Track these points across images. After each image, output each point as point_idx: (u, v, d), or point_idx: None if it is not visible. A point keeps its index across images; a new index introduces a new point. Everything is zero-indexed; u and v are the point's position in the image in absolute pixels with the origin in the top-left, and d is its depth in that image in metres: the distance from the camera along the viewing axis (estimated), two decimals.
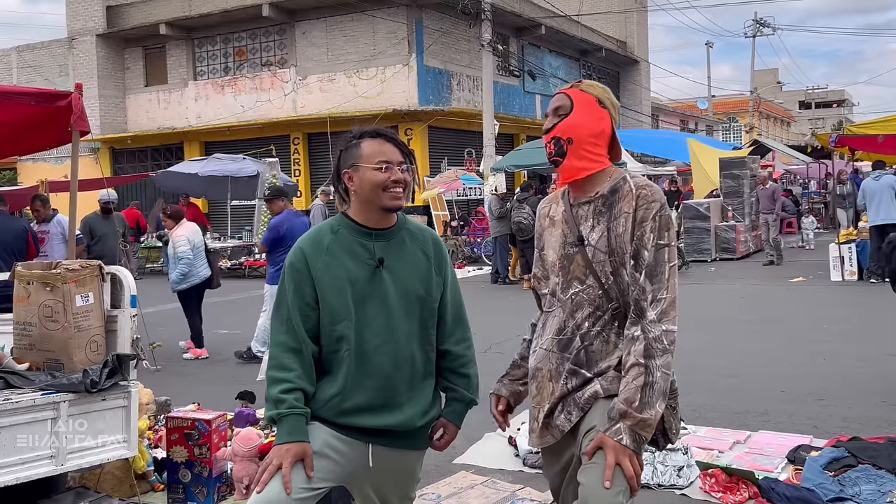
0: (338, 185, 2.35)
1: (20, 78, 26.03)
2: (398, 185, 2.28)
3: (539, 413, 2.35)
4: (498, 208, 13.79)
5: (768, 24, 45.13)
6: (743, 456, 4.44)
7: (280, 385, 2.20)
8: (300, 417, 2.19)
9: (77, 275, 3.42)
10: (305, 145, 23.11)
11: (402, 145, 2.35)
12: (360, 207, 2.32)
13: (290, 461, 2.15)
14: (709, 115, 47.08)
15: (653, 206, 2.21)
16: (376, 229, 2.32)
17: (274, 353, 2.25)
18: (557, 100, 2.37)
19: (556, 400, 2.29)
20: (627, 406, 2.10)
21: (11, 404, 3.09)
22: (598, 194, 2.29)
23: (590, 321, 2.26)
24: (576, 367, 2.27)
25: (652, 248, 2.19)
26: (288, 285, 2.27)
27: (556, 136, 2.33)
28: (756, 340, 7.99)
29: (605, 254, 2.24)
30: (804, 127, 65.18)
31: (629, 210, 2.23)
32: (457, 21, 21.66)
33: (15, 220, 7.50)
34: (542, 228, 2.45)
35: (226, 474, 3.98)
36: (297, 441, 2.17)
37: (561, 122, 2.32)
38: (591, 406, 2.23)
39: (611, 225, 2.25)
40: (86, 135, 5.34)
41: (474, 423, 5.43)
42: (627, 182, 2.28)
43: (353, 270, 2.26)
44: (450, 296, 2.42)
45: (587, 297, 2.27)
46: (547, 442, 2.34)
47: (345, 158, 2.33)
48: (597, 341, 2.26)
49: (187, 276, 7.89)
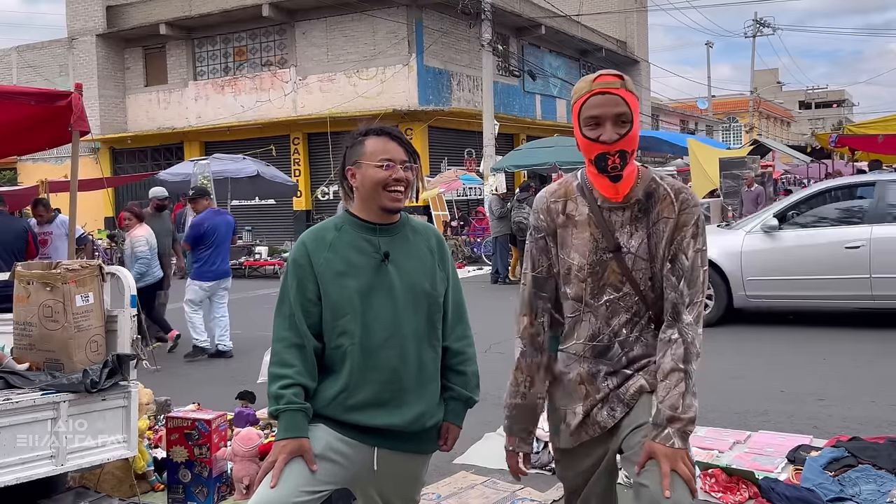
0: (343, 181, 2.36)
1: (20, 78, 26.04)
2: (399, 184, 2.27)
3: (568, 415, 2.28)
4: (499, 208, 13.80)
5: (768, 24, 45.19)
6: (743, 456, 4.44)
7: (279, 381, 2.19)
8: (297, 413, 2.18)
9: (77, 275, 3.42)
10: (305, 145, 23.12)
11: (407, 144, 2.33)
12: (362, 205, 2.32)
13: (284, 458, 2.14)
14: (709, 115, 47.12)
15: (694, 210, 2.18)
16: (380, 224, 2.32)
17: (276, 350, 2.24)
18: (614, 104, 2.13)
19: (595, 400, 2.24)
20: (673, 412, 2.06)
21: (11, 404, 3.09)
22: (633, 199, 2.20)
23: (627, 328, 2.21)
24: (615, 369, 2.23)
25: (692, 252, 2.16)
26: (291, 281, 2.26)
27: (623, 150, 2.14)
28: (756, 340, 8.00)
29: (645, 261, 2.18)
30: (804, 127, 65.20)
31: (670, 215, 2.17)
32: (457, 21, 21.67)
33: (15, 220, 7.51)
34: (556, 226, 2.27)
35: (226, 474, 3.97)
36: (294, 437, 2.16)
37: (629, 133, 2.14)
38: (637, 401, 2.18)
39: (651, 231, 2.18)
40: (86, 135, 5.35)
41: (474, 423, 5.43)
42: (660, 185, 2.22)
43: (357, 264, 2.25)
44: (452, 293, 2.41)
45: (624, 305, 2.21)
46: (582, 439, 2.27)
47: (349, 155, 2.33)
48: (637, 346, 2.22)
49: (143, 276, 8.02)
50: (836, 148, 14.23)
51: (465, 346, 2.44)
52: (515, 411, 2.37)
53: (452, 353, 2.41)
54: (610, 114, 2.12)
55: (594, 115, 2.14)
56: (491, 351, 7.33)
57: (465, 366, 2.42)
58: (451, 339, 2.41)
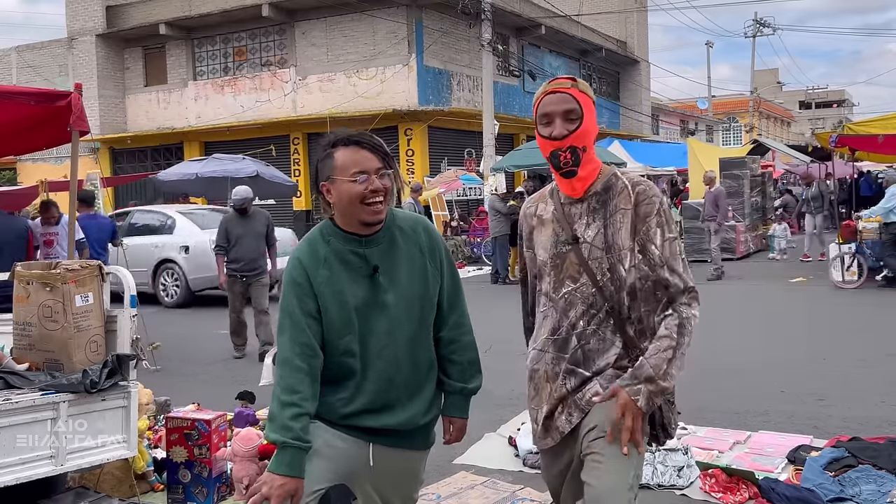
0: (318, 196, 2.28)
1: (20, 78, 26.01)
2: (377, 195, 2.18)
3: (538, 414, 2.34)
4: (501, 207, 13.76)
5: (768, 24, 45.12)
6: (743, 456, 4.44)
7: (288, 410, 2.12)
8: (302, 452, 2.13)
9: (77, 275, 3.41)
10: (305, 145, 23.10)
11: (379, 149, 2.22)
12: (343, 219, 2.26)
13: (280, 496, 2.08)
14: (709, 115, 47.09)
15: (654, 200, 2.23)
16: (365, 236, 2.26)
17: (282, 374, 2.18)
18: (564, 101, 2.23)
19: (555, 401, 2.29)
20: (655, 373, 2.12)
21: (11, 404, 3.09)
22: (591, 192, 2.28)
23: (584, 319, 2.25)
24: (573, 367, 2.26)
25: (663, 242, 2.21)
26: (291, 300, 2.22)
27: (573, 146, 2.22)
28: (756, 340, 7.99)
29: (601, 250, 2.24)
30: (804, 127, 65.17)
31: (627, 206, 2.23)
32: (457, 21, 21.65)
33: (15, 219, 7.50)
34: (531, 228, 2.41)
35: (225, 474, 3.97)
36: (294, 477, 2.11)
37: (578, 129, 2.22)
38: (591, 406, 2.22)
39: (607, 221, 2.24)
40: (85, 135, 5.35)
41: (474, 423, 5.41)
42: (620, 179, 2.29)
43: (351, 283, 2.22)
44: (447, 281, 2.37)
45: (580, 296, 2.26)
46: (547, 444, 2.33)
47: (321, 170, 2.23)
48: (593, 339, 2.25)
49: None
50: (836, 148, 14.18)
51: (459, 334, 2.40)
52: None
53: (445, 342, 2.39)
54: (559, 111, 2.23)
55: (546, 113, 2.25)
56: (491, 351, 7.32)
57: (458, 354, 2.40)
58: (445, 328, 2.38)
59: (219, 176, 15.71)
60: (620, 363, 2.23)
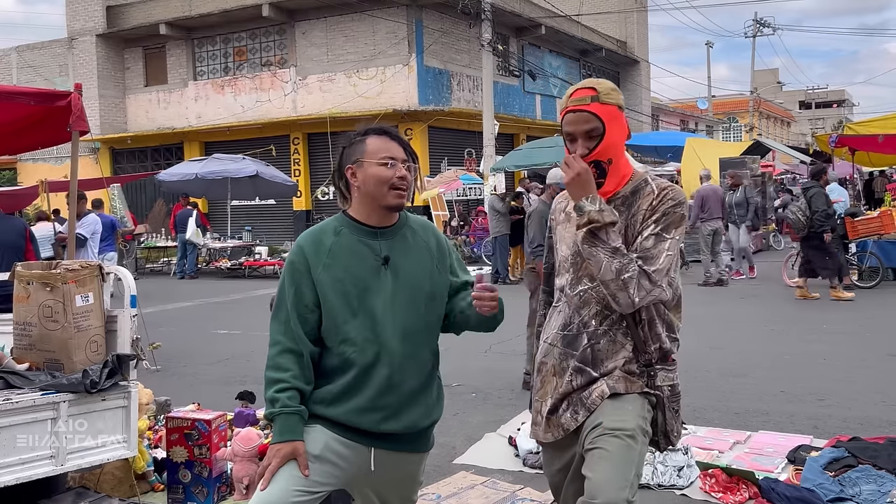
0: (339, 182, 2.34)
1: (20, 78, 26.02)
2: (404, 182, 2.26)
3: (542, 406, 2.36)
4: (501, 207, 13.74)
5: (768, 24, 45.11)
6: (743, 456, 4.44)
7: (275, 385, 2.19)
8: (292, 416, 2.18)
9: (77, 275, 3.41)
10: (305, 145, 23.11)
11: (406, 144, 2.34)
12: (362, 205, 2.30)
13: (279, 461, 2.15)
14: (709, 116, 47.08)
15: (668, 202, 2.23)
16: (380, 227, 2.30)
17: (271, 355, 2.24)
18: (584, 120, 2.26)
19: (559, 396, 2.30)
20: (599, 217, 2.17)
21: (11, 404, 3.09)
22: (619, 195, 2.29)
23: (597, 319, 2.26)
24: (582, 365, 2.27)
25: (649, 234, 2.20)
26: (288, 288, 2.25)
27: (598, 161, 2.27)
28: (756, 340, 8.00)
29: None
30: (804, 127, 65.24)
31: (647, 206, 2.24)
32: (457, 21, 21.66)
33: (15, 219, 7.49)
34: (557, 223, 2.46)
35: (226, 474, 3.97)
36: (288, 441, 2.17)
37: (598, 146, 2.25)
38: (598, 406, 2.23)
39: (629, 222, 2.25)
40: (85, 135, 5.34)
41: (474, 423, 5.44)
42: (650, 184, 2.30)
43: (356, 271, 2.24)
44: (459, 275, 2.41)
45: (596, 295, 2.26)
46: (548, 439, 2.34)
47: (348, 154, 2.31)
48: (603, 340, 2.26)
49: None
50: (836, 148, 14.19)
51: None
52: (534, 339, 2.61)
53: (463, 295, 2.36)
54: (580, 131, 2.27)
55: (568, 133, 2.30)
56: (491, 351, 7.33)
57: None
58: (463, 292, 2.37)
59: (219, 176, 15.73)
60: (628, 366, 2.24)
